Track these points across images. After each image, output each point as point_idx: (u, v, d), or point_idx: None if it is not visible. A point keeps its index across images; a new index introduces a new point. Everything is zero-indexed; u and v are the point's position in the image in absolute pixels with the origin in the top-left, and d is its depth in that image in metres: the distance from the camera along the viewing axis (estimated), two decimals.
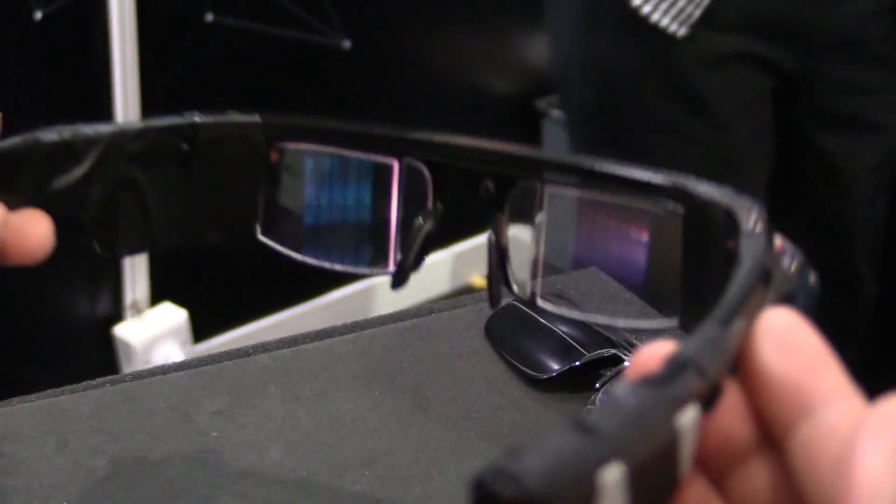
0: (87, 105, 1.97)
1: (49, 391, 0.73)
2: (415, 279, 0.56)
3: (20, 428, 0.69)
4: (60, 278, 2.07)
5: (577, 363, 0.73)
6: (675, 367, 0.30)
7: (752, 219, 0.41)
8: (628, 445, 0.28)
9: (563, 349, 0.75)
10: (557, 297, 0.54)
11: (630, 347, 0.74)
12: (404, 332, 0.78)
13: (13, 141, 0.48)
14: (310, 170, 0.58)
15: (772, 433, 0.32)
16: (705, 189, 0.45)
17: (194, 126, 0.55)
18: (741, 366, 0.32)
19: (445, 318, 0.80)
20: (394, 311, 0.83)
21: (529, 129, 2.63)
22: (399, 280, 0.56)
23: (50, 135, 0.50)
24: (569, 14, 1.48)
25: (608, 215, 0.51)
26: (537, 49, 2.67)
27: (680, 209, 0.47)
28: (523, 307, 0.79)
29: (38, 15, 1.82)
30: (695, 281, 0.47)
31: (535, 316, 0.78)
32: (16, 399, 0.72)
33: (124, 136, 0.53)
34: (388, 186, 0.56)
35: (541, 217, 0.52)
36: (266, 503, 0.65)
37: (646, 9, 1.38)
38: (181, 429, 0.69)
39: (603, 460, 0.28)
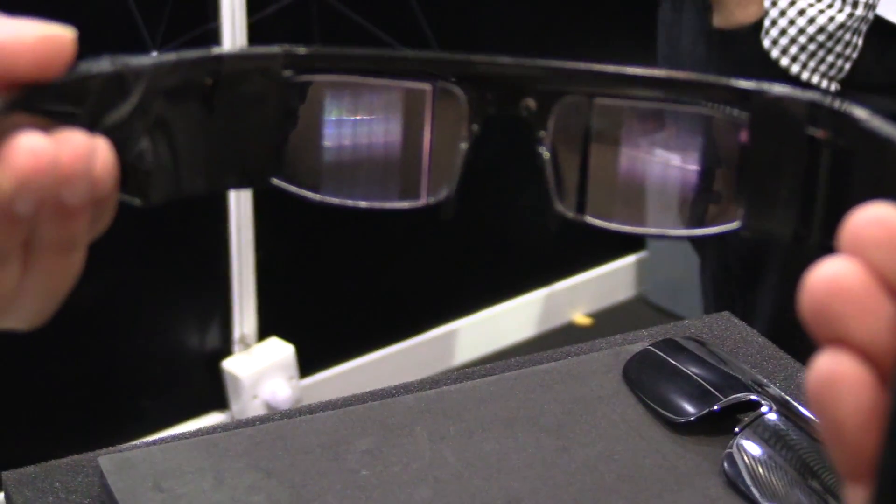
0: None
1: (203, 428, 0.76)
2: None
3: (179, 464, 0.71)
4: (172, 312, 2.11)
5: (716, 408, 0.75)
6: None
7: (853, 108, 0.40)
8: None
9: (699, 393, 0.76)
10: (608, 215, 0.51)
11: (764, 390, 0.75)
12: (544, 374, 0.80)
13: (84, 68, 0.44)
14: (329, 102, 0.53)
15: None
16: (780, 89, 0.43)
17: (218, 59, 0.49)
18: None
19: (583, 361, 0.82)
20: (529, 356, 0.85)
21: None
22: (447, 209, 0.51)
23: (103, 64, 0.45)
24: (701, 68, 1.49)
25: (661, 124, 0.50)
26: None
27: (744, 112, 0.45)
28: (660, 353, 0.80)
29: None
30: (764, 179, 0.45)
31: (672, 361, 0.79)
32: (170, 437, 0.75)
33: (162, 70, 0.47)
34: (420, 114, 0.52)
35: (589, 132, 0.49)
36: None
37: (794, 68, 1.40)
38: (332, 467, 0.72)
39: None
